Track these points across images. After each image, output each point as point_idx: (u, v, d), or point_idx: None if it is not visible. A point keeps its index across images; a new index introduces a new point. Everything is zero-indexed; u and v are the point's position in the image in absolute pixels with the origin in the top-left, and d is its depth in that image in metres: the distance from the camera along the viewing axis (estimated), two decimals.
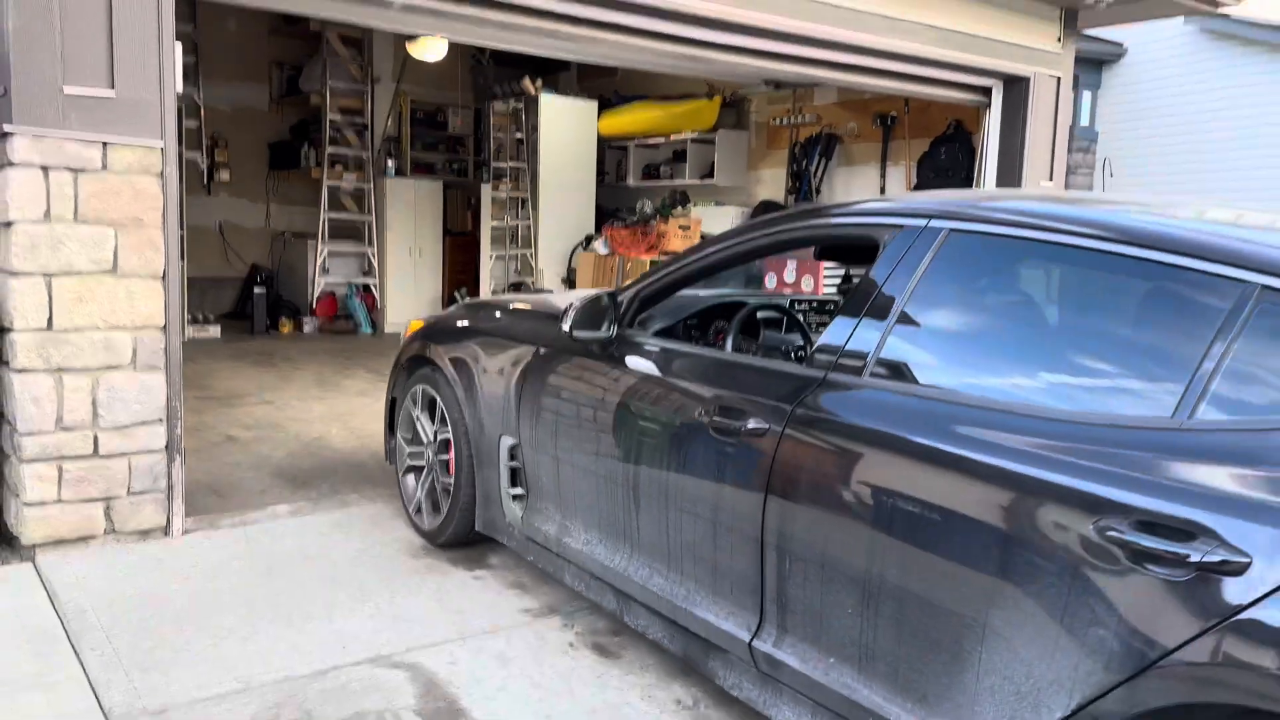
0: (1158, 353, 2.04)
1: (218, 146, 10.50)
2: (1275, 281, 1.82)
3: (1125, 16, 7.14)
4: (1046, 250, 2.27)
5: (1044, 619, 1.89)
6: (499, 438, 3.64)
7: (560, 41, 5.29)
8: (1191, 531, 1.68)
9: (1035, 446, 1.96)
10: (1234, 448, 1.74)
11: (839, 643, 2.35)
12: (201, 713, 2.74)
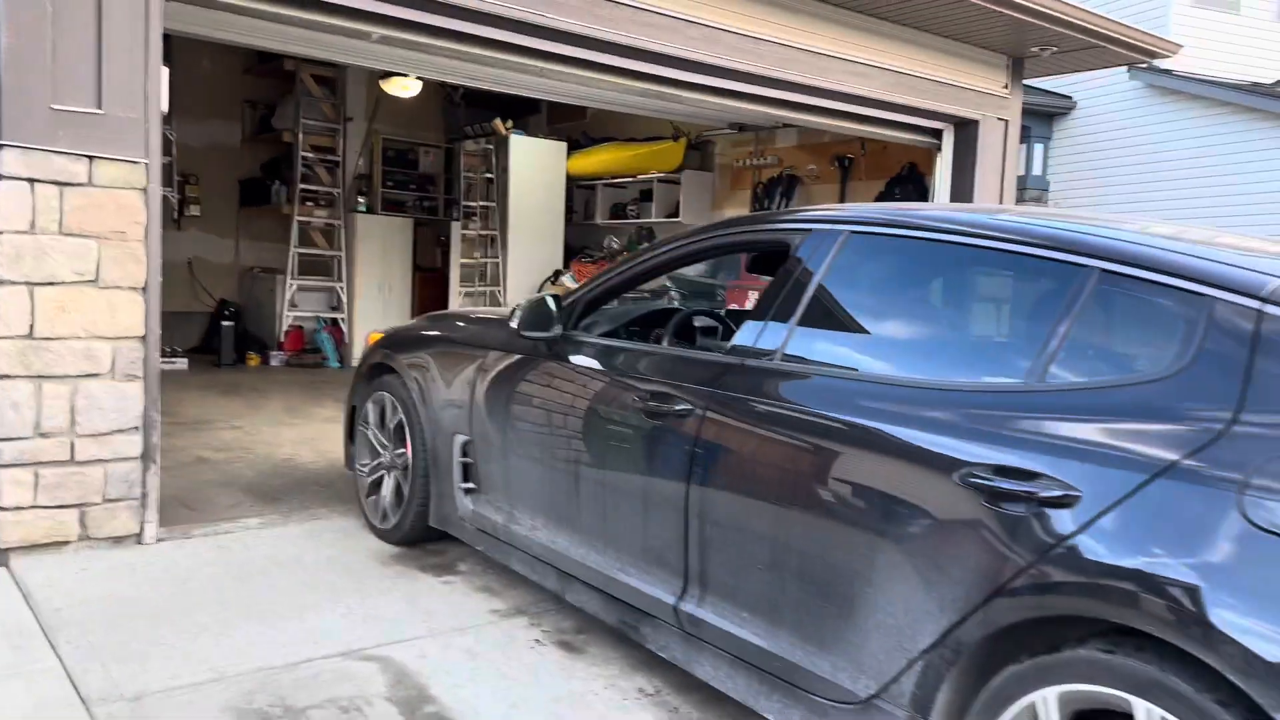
0: (1016, 328, 2.38)
1: (189, 182, 10.61)
2: (1111, 265, 2.15)
3: (1067, 66, 7.52)
4: (927, 246, 2.60)
5: (919, 561, 2.19)
6: (453, 436, 3.88)
7: (531, 78, 5.53)
8: (1036, 473, 2.00)
9: (912, 413, 2.29)
10: (1071, 403, 2.08)
11: (752, 599, 2.63)
12: (177, 699, 2.82)
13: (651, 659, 3.24)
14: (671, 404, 2.88)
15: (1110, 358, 2.19)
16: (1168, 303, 2.07)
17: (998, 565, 2.03)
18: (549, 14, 4.92)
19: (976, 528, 2.08)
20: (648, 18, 5.25)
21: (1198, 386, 1.93)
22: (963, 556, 2.10)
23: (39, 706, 2.73)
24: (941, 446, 2.19)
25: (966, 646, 2.10)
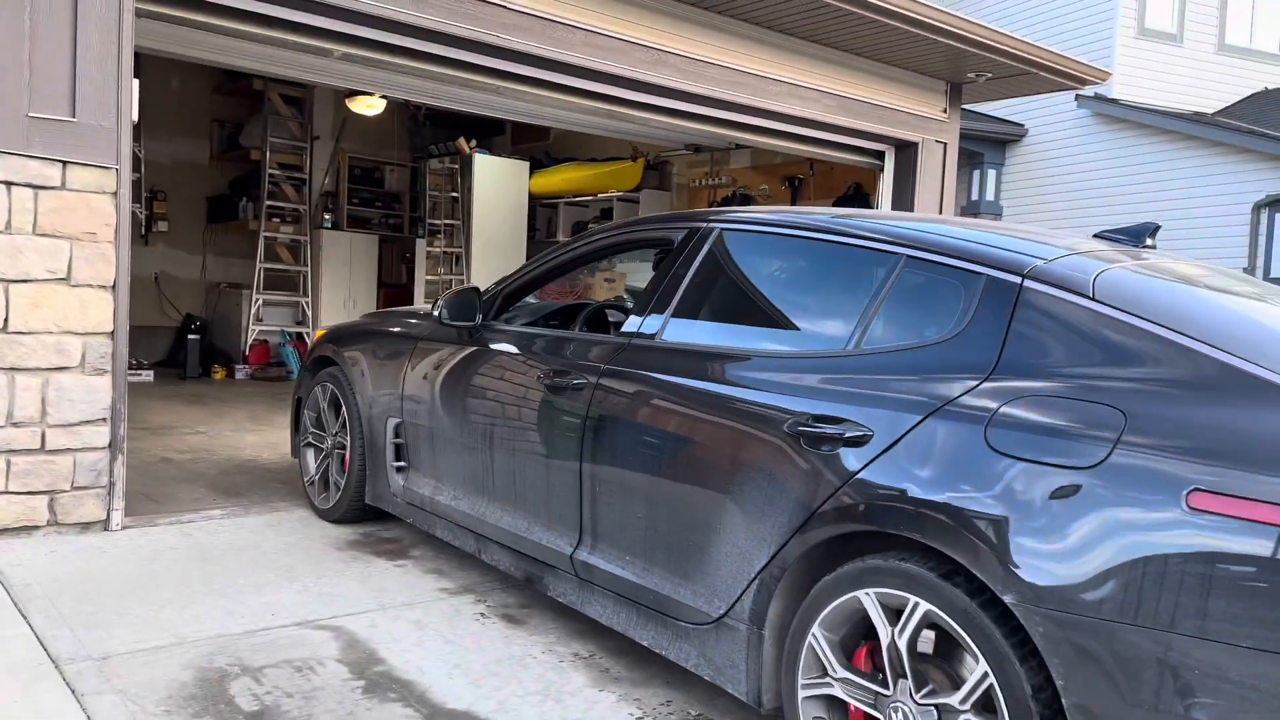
0: (843, 305, 2.82)
1: (157, 199, 10.80)
2: (914, 252, 2.66)
3: (1002, 91, 7.93)
4: (778, 240, 3.11)
5: (757, 498, 2.64)
6: (386, 419, 4.28)
7: (490, 96, 5.82)
8: (842, 419, 2.47)
9: (757, 378, 2.76)
10: (875, 364, 2.56)
11: (632, 544, 3.07)
12: (141, 659, 3.03)
13: (588, 629, 3.50)
14: (569, 379, 3.31)
15: (910, 326, 2.60)
16: (953, 280, 2.54)
17: (812, 494, 2.49)
18: (505, 35, 5.22)
19: (798, 466, 2.54)
20: (598, 40, 5.56)
21: (970, 347, 2.40)
22: (787, 490, 2.55)
23: (11, 667, 2.93)
24: (776, 403, 2.65)
25: (790, 565, 2.55)
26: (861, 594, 2.34)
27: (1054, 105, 14.04)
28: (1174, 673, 1.86)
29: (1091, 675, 1.96)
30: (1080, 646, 1.96)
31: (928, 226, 2.77)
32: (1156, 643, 1.88)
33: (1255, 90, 14.54)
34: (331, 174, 11.42)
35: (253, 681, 2.94)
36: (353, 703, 2.85)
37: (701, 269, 3.20)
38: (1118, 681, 1.93)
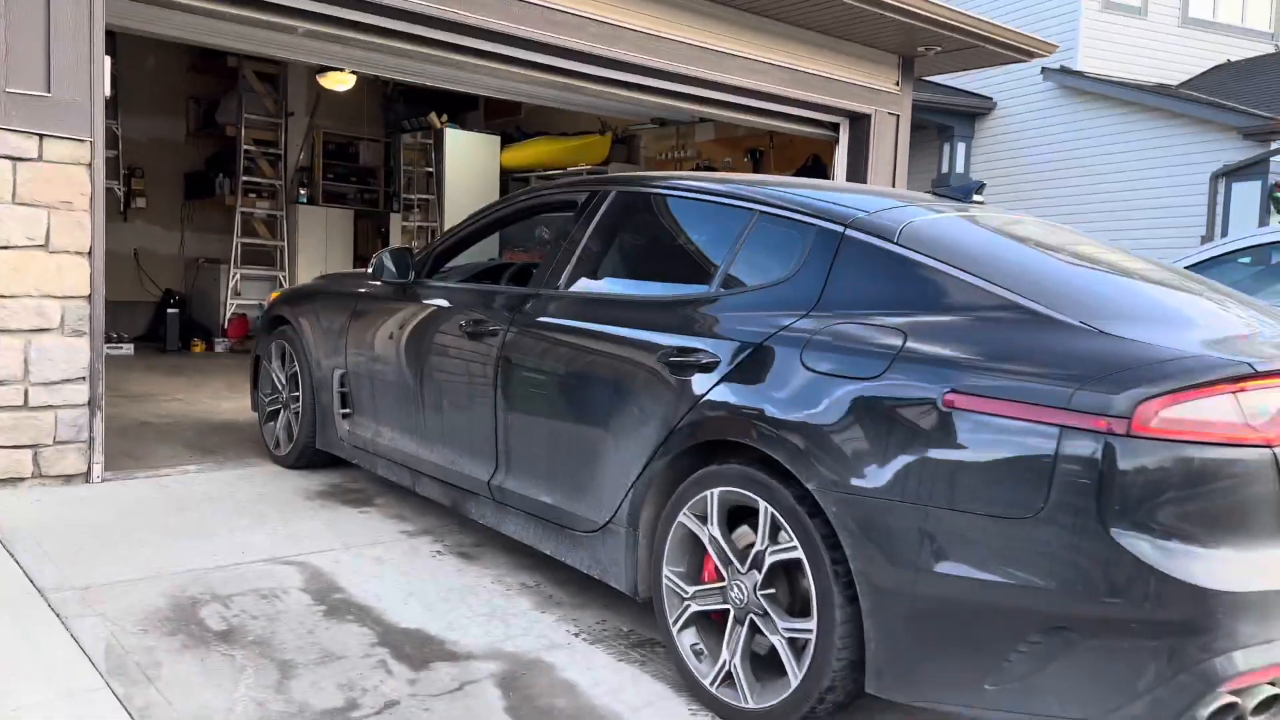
0: (711, 255, 3.28)
1: (135, 176, 10.97)
2: (765, 208, 3.09)
3: (953, 65, 8.19)
4: (661, 199, 3.56)
5: (633, 420, 3.06)
6: (333, 371, 4.69)
7: (453, 71, 6.05)
8: (698, 349, 2.90)
9: (637, 318, 3.20)
10: (727, 303, 3.00)
11: (536, 469, 3.49)
12: (120, 589, 3.31)
13: (535, 563, 3.79)
14: (486, 326, 3.73)
15: (759, 271, 3.05)
16: (793, 232, 2.99)
17: (673, 413, 2.92)
18: (464, 11, 5.45)
19: (663, 391, 2.97)
20: (555, 15, 5.80)
21: (800, 286, 2.85)
22: (656, 411, 2.99)
23: (0, 595, 3.21)
24: (650, 340, 3.08)
25: (657, 475, 2.98)
26: (709, 493, 2.79)
27: (1021, 78, 14.29)
28: (930, 538, 2.31)
29: (870, 545, 2.40)
30: (862, 522, 2.41)
31: (781, 188, 3.23)
32: (917, 515, 2.33)
33: (1218, 63, 14.82)
34: (306, 150, 11.61)
35: (222, 607, 3.22)
36: (313, 623, 3.14)
37: (599, 227, 3.63)
38: (889, 548, 2.37)
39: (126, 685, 2.65)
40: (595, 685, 2.84)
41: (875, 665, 2.42)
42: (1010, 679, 2.23)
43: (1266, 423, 2.17)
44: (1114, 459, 2.10)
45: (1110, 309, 2.49)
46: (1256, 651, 2.11)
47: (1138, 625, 2.10)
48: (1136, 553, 2.08)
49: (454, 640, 3.08)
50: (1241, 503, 2.17)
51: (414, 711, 2.61)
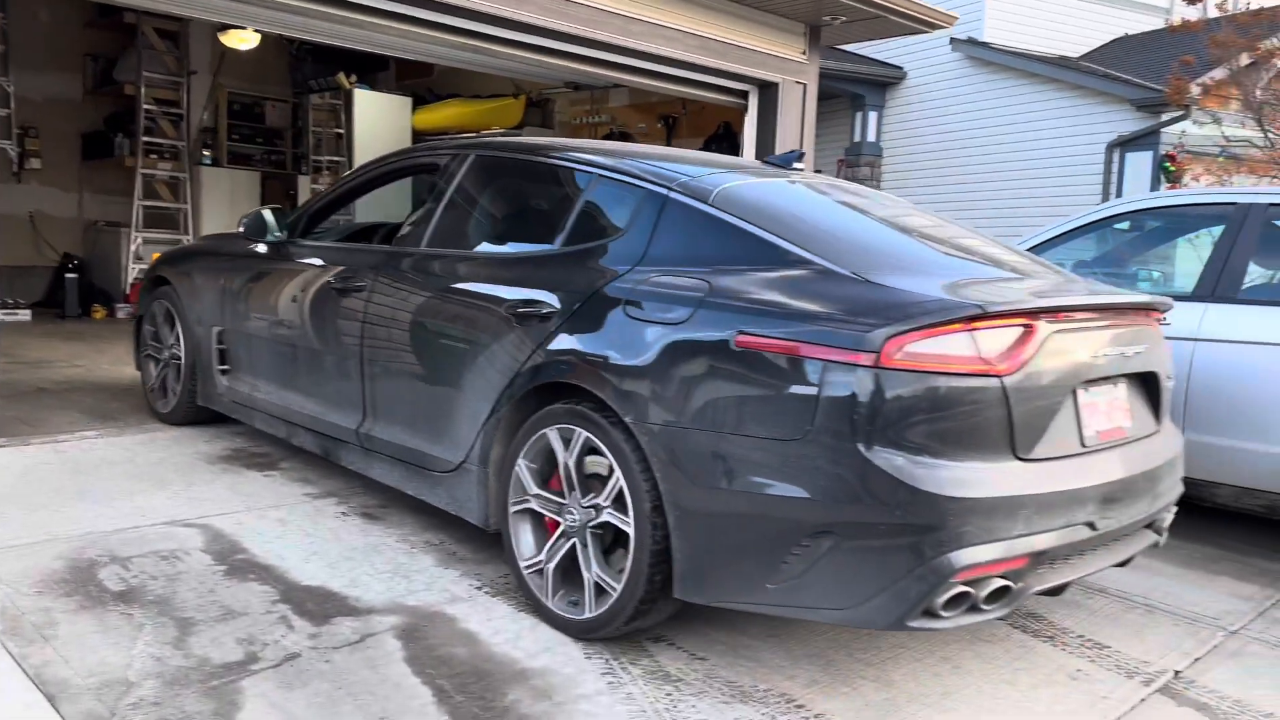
0: (556, 214, 3.49)
1: (29, 136, 10.55)
2: (603, 173, 3.37)
3: (858, 34, 8.36)
4: (516, 163, 3.86)
5: (484, 367, 3.32)
6: (211, 328, 4.82)
7: (355, 30, 5.97)
8: (540, 301, 3.17)
9: (487, 274, 3.49)
10: (566, 259, 3.28)
11: (399, 415, 3.72)
12: (16, 552, 3.29)
13: (441, 522, 3.87)
14: (352, 282, 3.92)
15: (596, 229, 3.33)
16: (626, 194, 3.27)
17: (518, 359, 3.19)
18: None
19: (510, 340, 3.23)
20: None
21: (630, 243, 3.14)
22: (504, 358, 3.24)
23: None
24: (499, 294, 3.33)
25: (506, 414, 3.23)
26: (548, 430, 3.06)
27: (931, 48, 14.58)
28: (722, 460, 2.66)
29: (674, 468, 2.72)
30: (668, 448, 2.73)
31: (618, 155, 3.51)
32: (712, 440, 2.67)
33: (1117, 36, 15.33)
34: (210, 110, 11.30)
35: (120, 569, 3.23)
36: (214, 582, 3.17)
37: (458, 188, 3.85)
38: (689, 471, 2.70)
39: (22, 645, 2.66)
40: (495, 635, 2.94)
41: (680, 573, 2.73)
42: (787, 579, 2.58)
43: (997, 356, 2.54)
44: (865, 388, 2.46)
45: (878, 261, 2.88)
46: (984, 549, 2.46)
47: (885, 528, 2.45)
48: (884, 466, 2.44)
49: (356, 596, 3.15)
50: (974, 424, 2.53)
51: (314, 663, 2.68)
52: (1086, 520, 2.71)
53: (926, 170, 15.00)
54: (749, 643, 2.99)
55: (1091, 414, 2.84)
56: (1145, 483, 2.95)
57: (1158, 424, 3.21)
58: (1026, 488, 2.56)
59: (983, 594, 2.51)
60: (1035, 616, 3.35)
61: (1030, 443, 2.62)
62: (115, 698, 2.43)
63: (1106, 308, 3.01)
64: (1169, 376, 3.28)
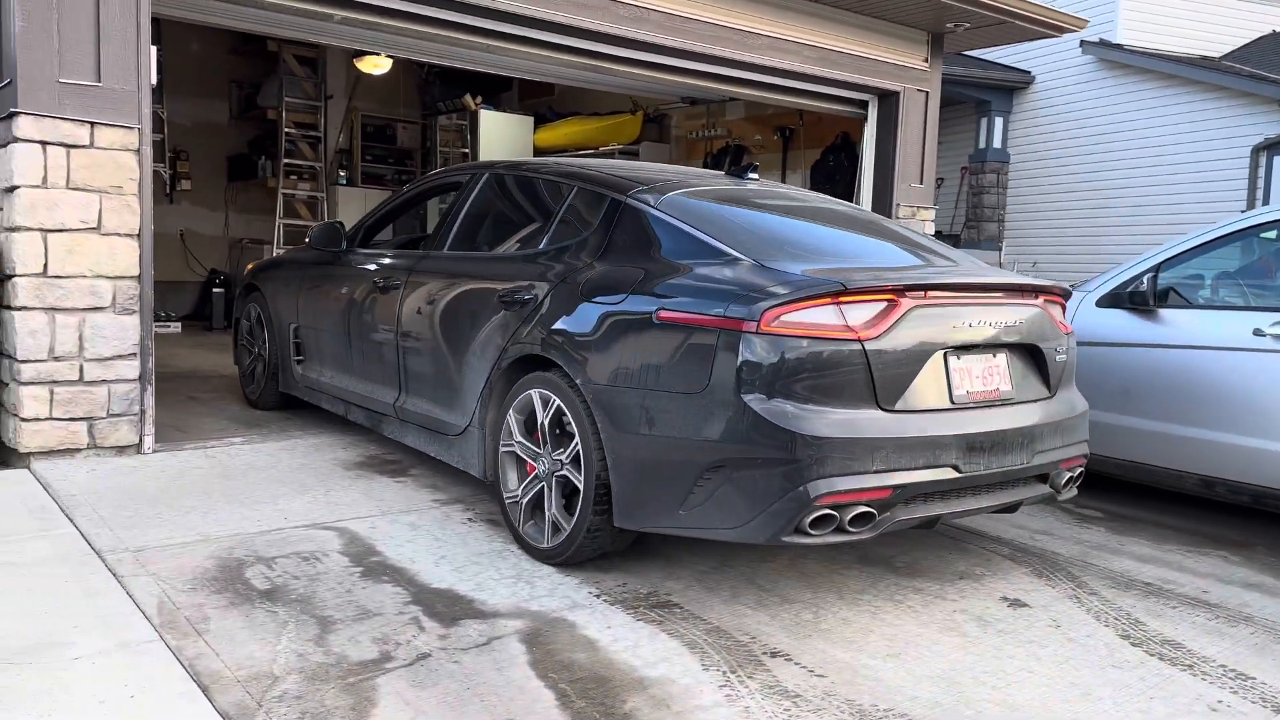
0: (544, 220, 4.14)
1: (180, 159, 11.27)
2: (581, 184, 4.02)
3: (982, 41, 8.18)
4: (517, 179, 4.56)
5: (482, 347, 3.99)
6: (289, 325, 5.56)
7: (483, 54, 6.19)
8: (523, 289, 3.83)
9: (488, 271, 4.19)
10: (548, 255, 3.92)
11: (427, 390, 4.39)
12: (170, 551, 3.53)
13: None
14: (391, 281, 4.64)
15: (572, 229, 3.95)
16: (595, 201, 3.91)
17: (506, 336, 3.85)
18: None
19: (501, 323, 3.90)
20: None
21: (593, 241, 3.79)
22: (495, 336, 3.91)
23: (61, 555, 3.44)
24: (494, 284, 4.01)
25: (495, 383, 3.91)
26: (530, 391, 3.69)
27: (1060, 51, 14.11)
28: (645, 411, 3.26)
29: (611, 420, 3.34)
30: (607, 404, 3.35)
31: (593, 168, 4.23)
32: (638, 396, 3.28)
33: (1264, 33, 14.53)
34: (345, 132, 11.83)
35: (266, 568, 3.43)
36: (351, 583, 3.34)
37: (473, 202, 4.58)
38: (622, 421, 3.32)
39: (178, 638, 2.86)
40: (614, 642, 3.00)
41: (617, 505, 3.36)
42: (693, 506, 3.18)
43: (859, 325, 3.11)
44: (748, 349, 3.05)
45: (778, 251, 3.44)
46: (842, 480, 3.01)
47: (762, 461, 3.02)
48: (761, 411, 3.03)
49: (482, 600, 3.26)
50: (839, 379, 3.09)
51: (444, 663, 2.79)
52: (951, 464, 3.21)
53: (1056, 178, 14.51)
54: (868, 661, 2.97)
55: (963, 377, 3.35)
56: (1020, 438, 3.41)
57: (1049, 391, 3.64)
58: (885, 432, 3.10)
59: (847, 518, 3.05)
60: (1175, 645, 3.22)
61: (893, 396, 3.17)
62: (262, 690, 2.59)
63: (975, 287, 3.47)
64: (1060, 350, 3.68)
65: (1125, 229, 13.38)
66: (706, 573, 3.62)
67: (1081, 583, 3.76)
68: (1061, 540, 4.29)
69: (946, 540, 4.18)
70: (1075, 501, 4.94)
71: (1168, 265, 4.71)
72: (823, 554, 3.90)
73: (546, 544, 3.59)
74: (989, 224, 14.98)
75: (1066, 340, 3.74)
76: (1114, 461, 4.75)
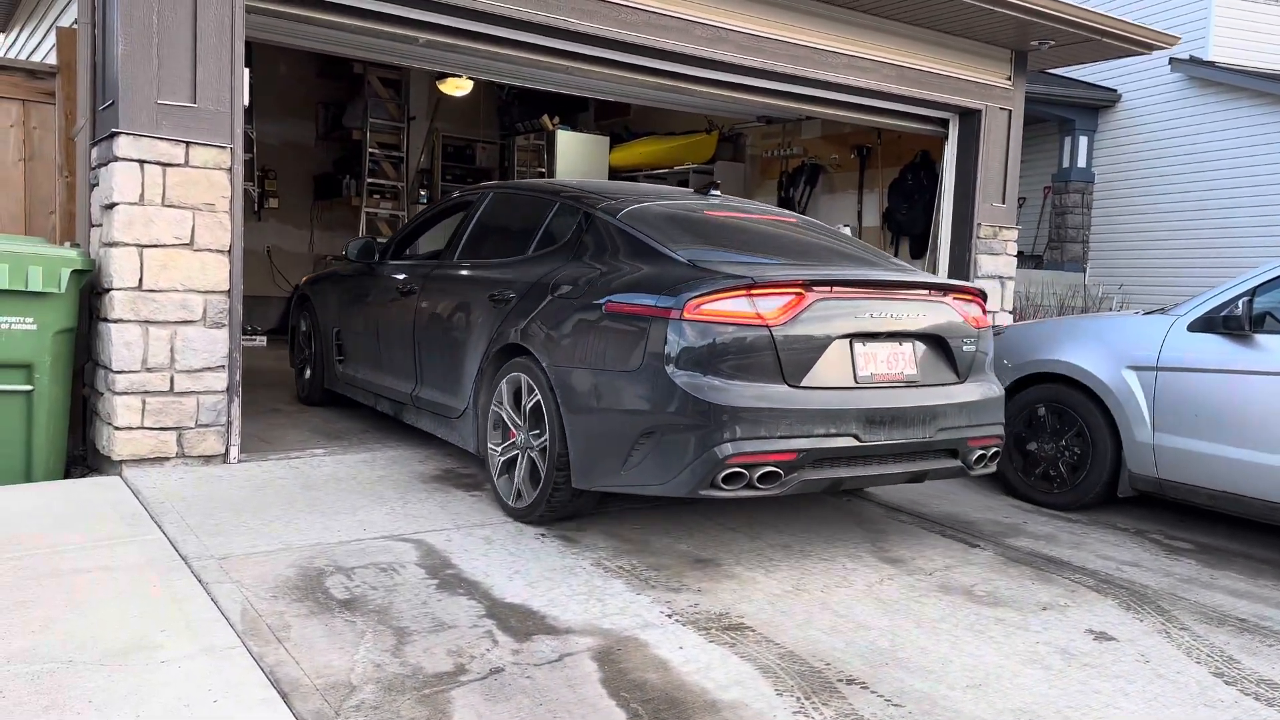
0: (533, 230, 4.73)
1: (268, 178, 11.62)
2: (562, 200, 4.65)
3: (1068, 58, 8.00)
4: (515, 197, 5.20)
5: (476, 340, 4.60)
6: (332, 329, 6.29)
7: (562, 75, 6.26)
8: (507, 289, 4.46)
9: (483, 276, 4.76)
10: (530, 261, 4.53)
11: (436, 380, 5.00)
12: (254, 559, 3.62)
13: (635, 547, 3.96)
14: (410, 286, 5.30)
15: (553, 238, 4.56)
16: (572, 214, 4.54)
17: (493, 330, 4.46)
18: (575, 19, 5.66)
19: (490, 319, 4.52)
20: (660, 20, 5.95)
21: (569, 248, 4.41)
22: (485, 330, 4.53)
23: (151, 561, 3.55)
24: (487, 287, 4.62)
25: (485, 369, 4.52)
26: (511, 376, 4.30)
27: (1148, 69, 13.75)
28: (595, 387, 3.87)
29: (569, 396, 3.94)
30: (565, 383, 3.96)
31: (570, 185, 4.93)
32: (590, 375, 3.89)
33: None
34: (426, 152, 12.07)
35: (345, 578, 3.49)
36: (427, 595, 3.37)
37: (479, 217, 5.23)
38: (577, 396, 3.92)
39: (260, 645, 2.92)
40: (686, 663, 2.98)
41: (574, 468, 3.94)
42: (632, 466, 3.74)
43: (768, 314, 3.66)
44: (673, 333, 3.62)
45: (712, 254, 3.98)
46: (749, 443, 3.55)
47: (684, 426, 3.58)
48: (683, 385, 3.59)
49: (555, 616, 3.27)
50: (749, 359, 3.64)
51: (517, 678, 2.80)
52: (852, 434, 3.73)
53: (1144, 199, 14.10)
54: (947, 693, 2.90)
55: (868, 360, 3.88)
56: (921, 415, 3.91)
57: (957, 377, 4.14)
58: (790, 405, 3.62)
59: (755, 476, 3.59)
60: (1271, 684, 3.08)
61: (798, 374, 3.70)
62: (339, 699, 2.63)
63: (878, 283, 3.96)
64: (969, 342, 4.16)
65: (1216, 252, 12.94)
66: (780, 596, 3.58)
67: (1171, 617, 3.62)
68: (1150, 572, 4.15)
69: (1028, 570, 4.07)
70: (1164, 533, 4.77)
71: (1264, 289, 4.53)
72: (900, 582, 3.83)
73: (522, 503, 4.20)
74: (1073, 245, 14.62)
75: (978, 333, 4.21)
76: (1205, 491, 4.57)
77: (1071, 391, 5.06)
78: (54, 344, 4.58)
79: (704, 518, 4.49)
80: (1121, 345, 4.90)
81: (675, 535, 4.21)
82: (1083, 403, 5.00)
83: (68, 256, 4.55)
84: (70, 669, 2.69)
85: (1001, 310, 8.01)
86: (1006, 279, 7.99)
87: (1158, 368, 4.73)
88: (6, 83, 5.23)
